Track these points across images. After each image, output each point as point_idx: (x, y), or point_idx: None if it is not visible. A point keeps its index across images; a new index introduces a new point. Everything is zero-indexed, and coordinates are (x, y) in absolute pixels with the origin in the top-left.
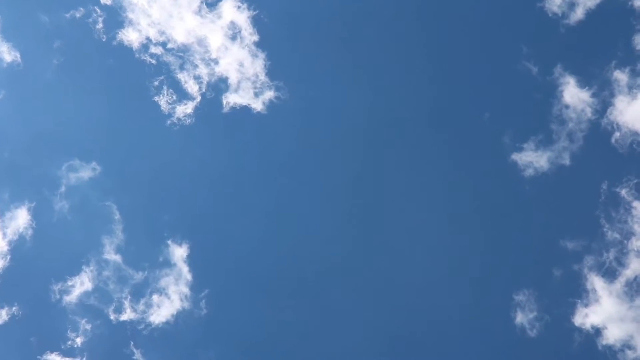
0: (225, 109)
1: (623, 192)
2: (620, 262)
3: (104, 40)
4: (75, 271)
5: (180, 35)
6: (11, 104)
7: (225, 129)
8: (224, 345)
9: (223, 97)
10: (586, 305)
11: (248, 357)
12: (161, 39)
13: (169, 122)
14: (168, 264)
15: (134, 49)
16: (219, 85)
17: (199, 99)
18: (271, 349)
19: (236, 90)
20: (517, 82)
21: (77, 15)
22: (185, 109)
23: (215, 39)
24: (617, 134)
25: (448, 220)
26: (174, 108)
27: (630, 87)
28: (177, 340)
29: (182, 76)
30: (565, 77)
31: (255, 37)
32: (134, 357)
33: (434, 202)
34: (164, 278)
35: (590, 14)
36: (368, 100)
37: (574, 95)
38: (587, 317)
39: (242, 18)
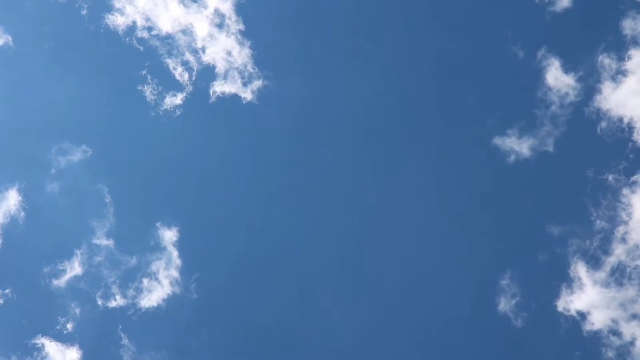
0: (213, 98)
1: (610, 177)
2: (606, 250)
3: (91, 25)
4: (67, 254)
5: (165, 24)
6: (3, 86)
7: (215, 116)
8: (214, 329)
9: (211, 85)
10: (571, 292)
11: (238, 341)
12: (147, 24)
13: (159, 106)
14: (158, 247)
15: (120, 34)
16: (207, 74)
17: (188, 85)
18: (262, 333)
19: (224, 79)
20: (502, 66)
21: (62, 0)
22: (174, 95)
23: (201, 27)
24: (603, 122)
25: (433, 205)
26: (162, 94)
27: (617, 72)
28: (168, 325)
29: (170, 62)
30: (549, 60)
31: (241, 26)
32: (123, 342)
33: (418, 187)
34: (154, 262)
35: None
36: (355, 87)
37: (557, 78)
38: (572, 303)
39: (227, 7)
